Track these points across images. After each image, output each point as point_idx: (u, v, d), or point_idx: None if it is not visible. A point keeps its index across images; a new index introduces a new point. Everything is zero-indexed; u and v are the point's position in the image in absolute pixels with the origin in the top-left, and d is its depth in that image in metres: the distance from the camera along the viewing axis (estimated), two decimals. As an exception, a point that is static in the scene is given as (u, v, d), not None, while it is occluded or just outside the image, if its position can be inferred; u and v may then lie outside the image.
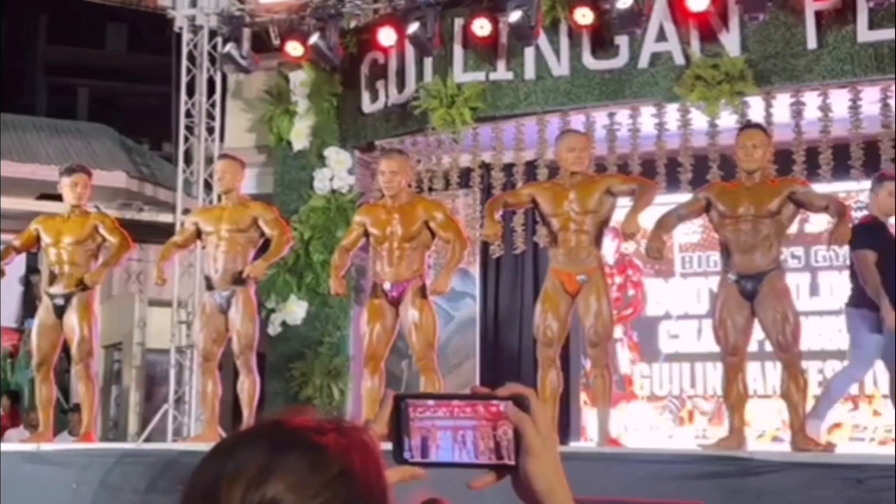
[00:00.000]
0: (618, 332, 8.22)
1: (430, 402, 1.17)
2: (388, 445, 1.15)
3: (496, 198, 6.14)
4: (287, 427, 0.99)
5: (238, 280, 5.92)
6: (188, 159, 8.69)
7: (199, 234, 6.16)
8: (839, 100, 6.76)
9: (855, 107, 6.70)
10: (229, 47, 7.97)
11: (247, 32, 7.98)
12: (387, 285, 5.72)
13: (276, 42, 8.01)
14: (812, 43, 6.72)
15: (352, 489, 0.97)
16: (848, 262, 5.64)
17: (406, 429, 1.17)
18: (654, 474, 4.91)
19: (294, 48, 7.80)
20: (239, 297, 5.92)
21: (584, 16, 7.09)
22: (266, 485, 0.93)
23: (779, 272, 5.26)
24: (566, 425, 7.85)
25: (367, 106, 8.01)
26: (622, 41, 7.20)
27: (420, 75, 7.70)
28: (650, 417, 8.08)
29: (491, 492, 1.18)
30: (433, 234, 5.77)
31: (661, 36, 7.09)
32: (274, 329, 8.06)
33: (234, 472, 0.94)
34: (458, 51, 7.56)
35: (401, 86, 7.80)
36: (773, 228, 5.21)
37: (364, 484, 0.98)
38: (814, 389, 7.44)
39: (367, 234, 5.85)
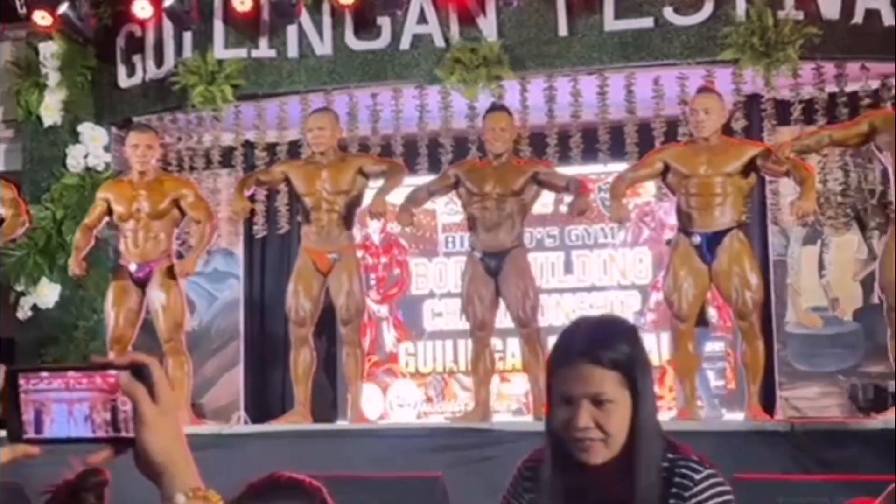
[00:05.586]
0: (383, 310, 8.34)
1: (45, 374, 1.12)
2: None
3: (248, 175, 6.09)
4: None
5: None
6: (-75, 133, 8.10)
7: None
8: (588, 86, 7.05)
9: (602, 93, 7.01)
10: (-32, 15, 7.47)
11: (-11, -1, 7.49)
12: (133, 266, 5.56)
13: (23, 11, 7.56)
14: (563, 30, 6.97)
15: None
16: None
17: (20, 403, 1.12)
18: (400, 449, 5.02)
19: (42, 17, 7.38)
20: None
21: (345, -5, 7.08)
22: None
23: (521, 250, 5.48)
24: (333, 404, 7.88)
25: (124, 80, 7.69)
26: (384, 22, 7.23)
27: (179, 50, 7.47)
28: (415, 394, 8.23)
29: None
30: (182, 213, 5.65)
31: (423, 18, 7.17)
32: (24, 313, 7.64)
33: None
34: (218, 26, 7.38)
35: (159, 61, 7.54)
36: (517, 207, 5.43)
37: None
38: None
39: (111, 211, 5.67)
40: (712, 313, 7.10)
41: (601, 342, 1.81)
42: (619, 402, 1.78)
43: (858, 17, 6.49)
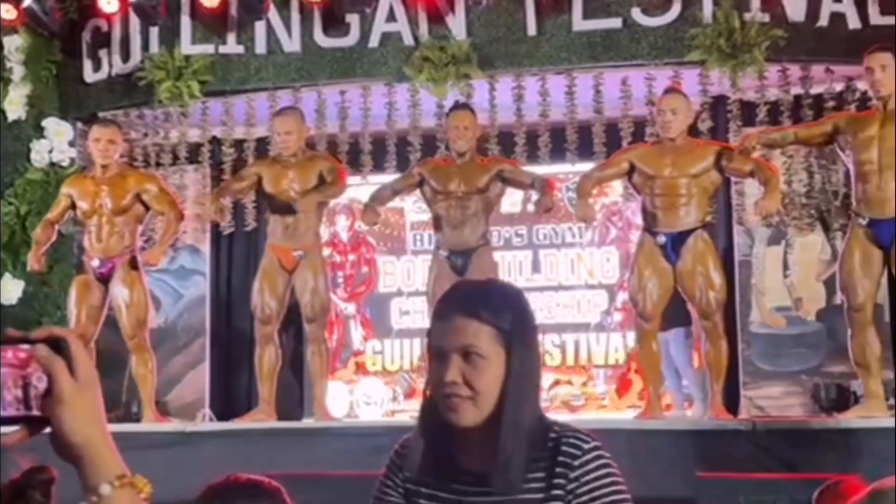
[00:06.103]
0: (351, 308, 8.32)
1: None
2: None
3: (222, 187, 6.07)
4: None
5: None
6: None
7: None
8: (557, 85, 7.07)
9: (570, 92, 7.04)
10: (-69, 7, 7.36)
11: (-48, -8, 7.40)
12: (95, 262, 5.52)
13: (-13, 4, 7.48)
14: (532, 30, 6.99)
15: None
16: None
17: None
18: (366, 447, 4.98)
19: (6, 11, 7.30)
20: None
21: (313, -9, 7.05)
22: None
23: (486, 248, 5.50)
24: (300, 402, 7.85)
25: (90, 75, 7.63)
26: (353, 20, 7.21)
27: (146, 45, 7.41)
28: (382, 392, 8.22)
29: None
30: (146, 208, 5.61)
31: (391, 16, 7.16)
32: (-14, 310, 7.57)
33: None
34: (185, 21, 7.33)
35: (125, 55, 7.48)
36: (482, 205, 5.44)
37: None
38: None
39: (74, 206, 5.62)
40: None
41: (480, 299, 1.75)
42: (492, 359, 1.69)
43: (824, 20, 6.56)
